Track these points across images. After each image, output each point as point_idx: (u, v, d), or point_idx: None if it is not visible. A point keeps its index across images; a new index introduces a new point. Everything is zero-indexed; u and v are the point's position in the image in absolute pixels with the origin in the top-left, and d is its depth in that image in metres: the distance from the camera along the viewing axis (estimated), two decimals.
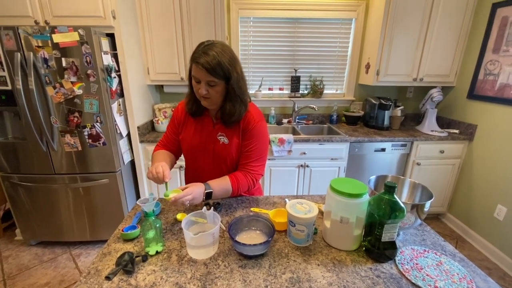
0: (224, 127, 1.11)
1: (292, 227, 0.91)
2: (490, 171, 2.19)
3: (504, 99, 2.07)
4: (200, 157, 1.15)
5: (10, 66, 1.73)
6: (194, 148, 1.15)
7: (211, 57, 0.93)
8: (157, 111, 2.54)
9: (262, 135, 1.13)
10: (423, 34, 2.33)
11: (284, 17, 2.54)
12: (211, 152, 1.13)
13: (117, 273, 0.78)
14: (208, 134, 1.13)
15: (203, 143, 1.13)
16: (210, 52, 0.94)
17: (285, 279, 0.77)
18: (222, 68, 0.95)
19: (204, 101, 1.04)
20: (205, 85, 0.98)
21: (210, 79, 0.96)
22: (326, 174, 2.36)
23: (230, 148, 1.11)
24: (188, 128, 1.16)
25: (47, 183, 2.01)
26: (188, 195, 0.93)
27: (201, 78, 0.97)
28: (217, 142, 1.12)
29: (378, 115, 2.57)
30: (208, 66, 0.93)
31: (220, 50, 0.96)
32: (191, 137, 1.14)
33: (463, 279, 0.77)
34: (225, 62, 0.96)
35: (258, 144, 1.11)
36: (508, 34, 2.04)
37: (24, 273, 1.93)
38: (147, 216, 0.84)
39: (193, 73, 0.98)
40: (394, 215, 0.78)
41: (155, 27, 2.21)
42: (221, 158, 1.13)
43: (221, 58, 0.95)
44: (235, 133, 1.11)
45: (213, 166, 1.15)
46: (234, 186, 1.08)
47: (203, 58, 0.93)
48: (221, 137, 1.11)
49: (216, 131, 1.12)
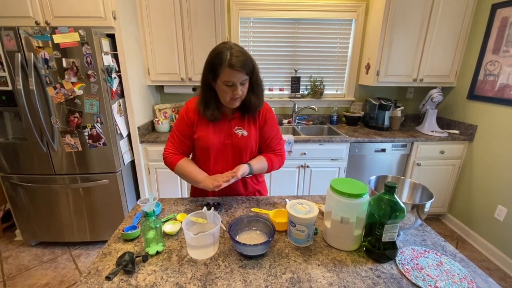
0: (240, 121, 1.15)
1: (293, 227, 0.91)
2: (491, 172, 2.19)
3: (504, 100, 2.07)
4: (219, 153, 1.16)
5: (10, 67, 1.73)
6: (212, 145, 1.14)
7: (241, 57, 0.96)
8: (158, 111, 2.54)
9: (276, 121, 1.24)
10: (423, 34, 2.33)
11: (284, 17, 2.54)
12: (230, 146, 1.15)
13: (117, 273, 0.78)
14: (224, 130, 1.14)
15: (221, 139, 1.14)
16: (238, 53, 0.96)
17: (285, 279, 0.77)
18: (252, 64, 1.00)
19: (236, 102, 1.05)
20: (239, 85, 1.00)
21: (244, 78, 0.99)
22: (326, 175, 2.36)
23: (250, 139, 1.15)
24: (203, 127, 1.14)
25: (47, 184, 2.01)
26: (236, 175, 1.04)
27: (237, 80, 0.98)
28: (235, 136, 1.14)
29: (378, 116, 2.57)
30: (243, 66, 0.96)
31: (241, 47, 0.99)
32: (209, 135, 1.13)
33: (463, 280, 0.77)
34: (250, 57, 1.00)
35: (277, 129, 1.22)
36: (508, 35, 2.04)
37: (24, 274, 1.93)
38: (148, 216, 0.84)
39: (226, 78, 0.98)
40: (395, 215, 0.78)
41: (155, 28, 2.21)
42: (241, 150, 1.15)
43: (247, 55, 0.99)
44: (252, 125, 1.16)
45: (232, 160, 1.17)
46: (269, 164, 1.18)
47: (237, 60, 0.95)
48: (239, 130, 1.14)
49: (232, 126, 1.14)
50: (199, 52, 2.28)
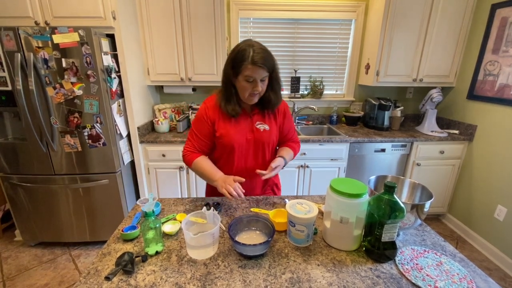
0: (261, 116, 1.19)
1: (292, 227, 0.91)
2: (490, 172, 2.19)
3: (503, 100, 2.07)
4: (242, 149, 1.18)
5: (10, 67, 1.73)
6: (236, 142, 1.15)
7: (264, 54, 1.00)
8: (157, 111, 2.54)
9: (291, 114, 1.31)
10: (423, 34, 2.33)
11: (284, 18, 2.54)
12: (252, 141, 1.18)
13: (116, 273, 0.78)
14: (246, 126, 1.17)
15: (244, 134, 1.16)
16: (260, 50, 1.01)
17: (285, 279, 0.77)
18: (273, 62, 1.05)
19: (255, 98, 1.09)
20: (259, 82, 1.04)
21: (264, 75, 1.03)
22: (326, 175, 2.36)
23: (271, 133, 1.20)
24: (224, 125, 1.15)
25: (47, 184, 2.01)
26: (279, 167, 1.13)
27: (258, 76, 1.02)
28: (257, 130, 1.18)
29: (378, 116, 2.57)
30: (265, 63, 1.00)
31: (263, 45, 1.04)
32: (231, 132, 1.14)
33: (463, 279, 0.77)
34: (271, 55, 1.04)
35: (293, 121, 1.32)
36: (508, 35, 2.04)
37: (24, 274, 1.93)
38: (147, 216, 0.84)
39: (248, 73, 1.01)
40: (394, 215, 0.78)
41: (155, 28, 2.21)
42: (264, 145, 1.19)
43: (269, 52, 1.03)
44: (272, 119, 1.21)
45: (254, 155, 1.20)
46: (294, 153, 1.29)
47: (259, 57, 0.99)
48: (260, 125, 1.18)
49: (253, 121, 1.18)
50: (199, 52, 2.28)
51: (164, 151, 2.23)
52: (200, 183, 2.35)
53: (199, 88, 2.69)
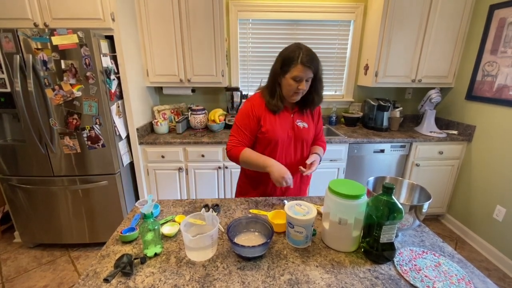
0: (301, 115, 1.28)
1: (291, 228, 0.91)
2: (489, 172, 2.19)
3: (502, 100, 2.08)
4: (285, 145, 1.25)
5: (9, 69, 1.73)
6: (279, 137, 1.22)
7: (312, 56, 1.09)
8: (156, 112, 2.54)
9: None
10: (421, 35, 2.34)
11: (283, 19, 2.55)
12: (293, 138, 1.26)
13: (115, 275, 0.78)
14: (288, 123, 1.25)
15: (286, 130, 1.24)
16: (309, 52, 1.09)
17: (283, 280, 0.77)
18: (319, 64, 1.12)
19: (297, 96, 1.17)
20: (305, 81, 1.12)
21: (310, 75, 1.11)
22: (325, 176, 2.36)
23: (310, 131, 1.29)
24: (269, 121, 1.22)
25: (46, 185, 2.00)
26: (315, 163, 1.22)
27: (304, 76, 1.10)
28: (297, 127, 1.26)
29: (377, 116, 2.57)
30: (313, 64, 1.08)
31: (310, 49, 1.11)
32: (276, 128, 1.22)
33: (461, 280, 0.77)
34: (318, 58, 1.12)
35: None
36: (506, 36, 2.05)
37: (23, 276, 1.92)
38: (146, 218, 0.84)
39: (297, 73, 1.09)
40: (392, 216, 0.79)
41: (154, 29, 2.21)
42: (303, 142, 1.28)
43: (316, 55, 1.11)
44: (310, 118, 1.31)
45: (294, 151, 1.28)
46: (324, 151, 1.38)
47: (308, 59, 1.07)
48: (300, 123, 1.26)
49: (294, 119, 1.26)
50: (198, 53, 2.28)
51: (163, 152, 2.24)
52: (200, 183, 2.35)
53: (198, 89, 2.69)
